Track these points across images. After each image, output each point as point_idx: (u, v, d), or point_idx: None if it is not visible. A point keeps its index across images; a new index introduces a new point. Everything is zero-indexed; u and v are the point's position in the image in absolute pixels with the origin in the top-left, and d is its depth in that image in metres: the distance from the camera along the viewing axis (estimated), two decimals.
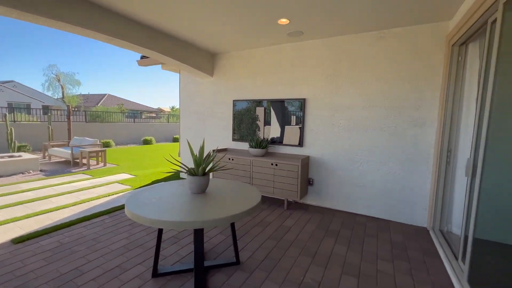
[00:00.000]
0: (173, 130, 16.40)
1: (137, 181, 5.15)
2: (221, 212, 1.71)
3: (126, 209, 1.74)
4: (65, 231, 2.85)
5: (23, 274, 2.06)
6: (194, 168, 2.08)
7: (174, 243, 2.65)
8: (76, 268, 2.16)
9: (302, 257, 2.42)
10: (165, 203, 1.86)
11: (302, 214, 3.52)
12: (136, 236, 2.78)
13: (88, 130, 11.58)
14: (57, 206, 3.60)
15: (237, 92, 4.52)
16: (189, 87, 5.18)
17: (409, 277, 2.14)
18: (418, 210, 3.19)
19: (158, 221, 1.57)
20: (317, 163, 3.84)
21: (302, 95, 3.88)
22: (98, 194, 4.22)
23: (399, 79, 3.21)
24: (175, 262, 2.30)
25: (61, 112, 13.10)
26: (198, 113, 5.09)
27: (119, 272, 2.13)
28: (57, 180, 5.02)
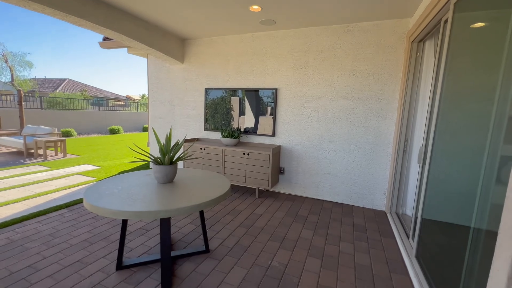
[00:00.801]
0: (143, 120, 15.60)
1: (101, 172, 4.85)
2: (188, 201, 1.69)
3: (84, 201, 1.64)
4: (16, 227, 2.61)
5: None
6: (160, 157, 2.01)
7: (141, 234, 2.58)
8: (29, 266, 2.01)
9: (270, 242, 2.51)
10: (128, 194, 1.78)
11: (273, 202, 3.62)
12: (99, 230, 2.64)
13: (45, 118, 10.53)
14: (7, 200, 3.27)
15: (209, 80, 4.40)
16: (158, 73, 4.92)
17: (367, 255, 2.34)
18: (378, 195, 3.46)
19: (120, 212, 1.50)
20: (288, 152, 3.94)
21: (274, 85, 3.91)
22: (56, 186, 3.91)
23: (364, 72, 3.36)
24: (141, 254, 2.24)
25: (12, 97, 11.69)
26: (168, 102, 4.88)
27: (79, 266, 2.02)
28: (7, 173, 4.54)
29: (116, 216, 1.50)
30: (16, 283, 1.81)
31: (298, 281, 1.94)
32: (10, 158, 5.73)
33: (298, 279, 1.97)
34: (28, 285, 1.80)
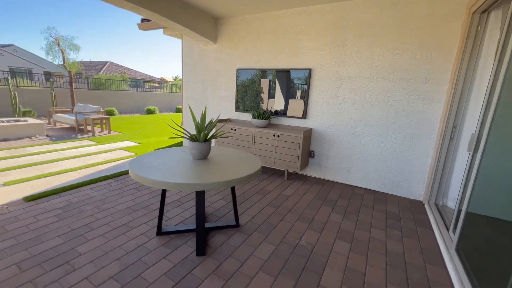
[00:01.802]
0: (177, 101, 16.25)
1: (140, 148, 5.25)
2: (221, 177, 1.76)
3: (130, 171, 1.80)
4: (73, 192, 2.98)
5: (37, 228, 2.21)
6: (196, 135, 2.09)
7: (177, 206, 2.78)
8: (85, 225, 2.30)
9: (298, 223, 2.54)
10: (167, 167, 1.90)
11: (302, 185, 3.61)
12: (141, 199, 2.90)
13: (91, 98, 11.52)
14: (65, 169, 3.73)
15: (241, 61, 4.37)
16: (191, 54, 5.00)
17: (400, 243, 2.25)
18: (415, 184, 3.25)
19: (161, 182, 1.62)
20: (319, 135, 3.84)
21: (308, 65, 3.75)
22: (103, 159, 4.34)
23: (410, 49, 3.05)
24: (178, 223, 2.43)
25: (64, 78, 12.94)
26: (201, 83, 4.99)
27: (125, 229, 2.27)
28: (63, 145, 5.13)
29: (157, 186, 1.63)
30: (76, 238, 2.10)
31: (326, 262, 1.95)
32: (64, 133, 6.45)
33: (326, 259, 1.98)
34: (85, 240, 2.08)
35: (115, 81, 14.67)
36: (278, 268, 1.86)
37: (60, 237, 2.10)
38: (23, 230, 2.17)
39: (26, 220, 2.33)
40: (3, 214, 2.42)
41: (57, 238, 2.09)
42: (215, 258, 1.94)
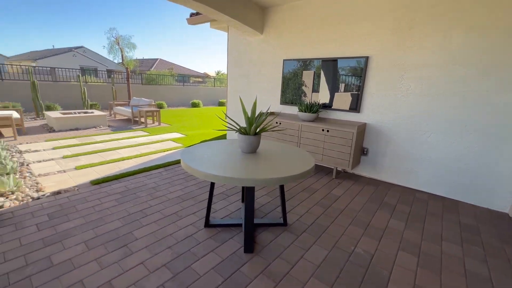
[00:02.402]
0: (219, 94, 16.73)
1: (187, 140, 5.47)
2: (273, 173, 1.64)
3: (182, 162, 1.80)
4: (130, 179, 3.21)
5: (101, 210, 2.41)
6: (246, 127, 2.01)
7: (223, 199, 2.77)
8: (140, 211, 2.44)
9: (352, 227, 2.30)
10: (217, 160, 1.86)
11: (352, 185, 3.31)
12: (189, 189, 2.98)
13: (144, 92, 12.55)
14: (123, 157, 4.06)
15: (288, 51, 4.16)
16: (237, 47, 4.97)
17: (483, 264, 1.86)
18: (500, 193, 2.69)
19: (212, 175, 1.57)
20: (375, 131, 3.45)
21: (364, 53, 3.36)
22: (155, 149, 4.63)
23: (498, 30, 2.47)
24: (224, 216, 2.41)
25: (122, 75, 14.35)
26: (245, 75, 4.94)
27: (175, 218, 2.33)
28: (121, 135, 5.64)
29: (208, 179, 1.59)
30: (133, 222, 2.23)
31: (389, 276, 1.71)
32: (122, 124, 7.12)
33: (388, 273, 1.73)
34: (140, 225, 2.19)
35: (164, 77, 15.72)
36: (332, 276, 1.68)
37: (119, 221, 2.25)
38: (90, 211, 2.39)
39: (92, 202, 2.57)
40: (75, 195, 2.71)
41: (117, 221, 2.24)
42: (263, 257, 1.85)
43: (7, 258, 1.72)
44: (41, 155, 3.96)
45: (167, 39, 77.32)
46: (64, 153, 4.10)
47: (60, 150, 4.30)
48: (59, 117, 5.82)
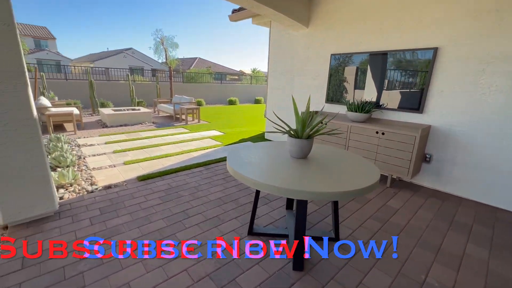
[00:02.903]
0: (255, 92, 16.71)
1: (226, 138, 5.46)
2: (333, 185, 1.40)
3: (228, 166, 1.67)
4: (172, 176, 3.25)
5: (146, 208, 2.44)
6: (297, 130, 1.80)
7: (265, 203, 2.62)
8: (183, 211, 2.40)
9: (419, 250, 1.95)
10: (266, 166, 1.69)
11: (411, 196, 2.88)
12: (229, 191, 2.89)
13: (184, 90, 13.08)
14: (166, 153, 4.17)
15: (337, 45, 3.81)
16: (280, 42, 4.75)
17: None
18: None
19: (263, 184, 1.41)
20: (442, 135, 2.95)
21: (431, 43, 2.88)
22: (195, 147, 4.68)
23: None
24: (267, 224, 2.25)
25: (164, 73, 15.20)
26: (287, 72, 4.70)
27: (217, 222, 2.24)
28: (164, 132, 5.87)
29: (258, 188, 1.42)
30: (176, 223, 2.20)
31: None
32: (165, 121, 7.44)
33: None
34: (183, 227, 2.14)
35: (202, 75, 16.21)
36: None
37: (163, 221, 2.23)
38: (136, 208, 2.43)
39: (139, 198, 2.62)
40: (123, 190, 2.80)
41: (161, 221, 2.23)
42: (315, 277, 1.64)
43: (64, 251, 1.79)
44: (95, 149, 4.27)
45: (205, 39, 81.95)
46: (114, 148, 4.37)
47: (111, 145, 4.60)
48: (111, 114, 6.29)
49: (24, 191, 2.07)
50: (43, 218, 2.20)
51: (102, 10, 75.52)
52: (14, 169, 1.99)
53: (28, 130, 2.01)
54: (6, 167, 1.96)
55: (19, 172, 2.02)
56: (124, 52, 26.82)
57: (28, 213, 2.11)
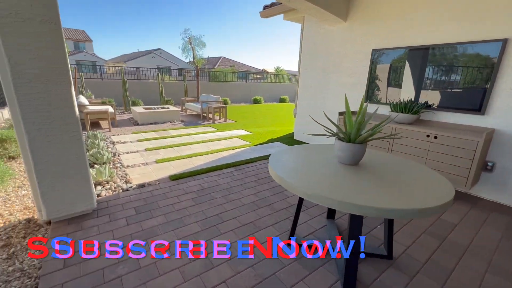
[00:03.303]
0: (280, 91, 16.48)
1: (254, 138, 5.34)
2: (399, 200, 1.19)
3: (272, 171, 1.52)
4: (203, 177, 3.19)
5: (180, 209, 2.38)
6: (348, 132, 1.60)
7: (302, 210, 2.44)
8: (217, 215, 2.31)
9: (491, 276, 1.65)
10: (314, 173, 1.51)
11: (470, 209, 2.53)
12: (262, 194, 2.75)
13: (210, 89, 13.24)
14: (195, 152, 4.15)
15: (380, 39, 3.50)
16: (313, 38, 4.51)
17: None
18: None
19: (315, 195, 1.24)
20: (509, 140, 2.56)
21: (499, 35, 2.49)
22: (223, 146, 4.62)
23: None
24: (308, 234, 2.07)
25: (190, 73, 15.52)
26: (321, 69, 4.45)
27: (253, 229, 2.11)
28: (193, 131, 5.90)
29: (312, 200, 1.26)
30: (211, 228, 2.10)
31: None
32: (192, 119, 7.52)
33: None
34: (218, 233, 2.04)
35: (226, 74, 16.29)
36: None
37: (198, 224, 2.15)
38: (170, 209, 2.39)
39: (172, 199, 2.58)
40: (156, 189, 2.79)
41: (195, 224, 2.15)
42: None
43: (102, 252, 1.77)
44: (128, 147, 4.37)
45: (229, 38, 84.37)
46: (146, 146, 4.44)
47: (143, 143, 4.69)
48: (142, 112, 6.47)
49: (67, 188, 2.10)
50: (82, 215, 2.23)
51: (133, 10, 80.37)
52: (58, 166, 2.02)
53: (71, 128, 2.03)
54: (51, 164, 1.99)
55: (62, 169, 2.05)
56: (153, 52, 27.94)
57: (69, 210, 2.15)
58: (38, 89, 1.84)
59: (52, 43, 1.82)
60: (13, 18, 1.67)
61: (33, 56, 1.78)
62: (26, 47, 1.74)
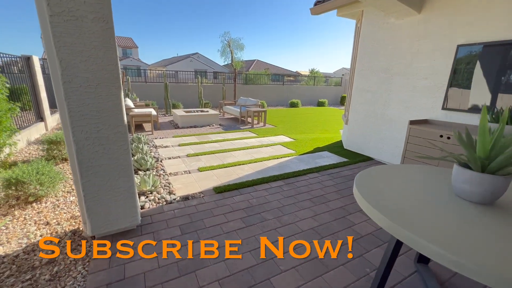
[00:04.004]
0: (318, 94, 15.76)
1: (298, 145, 4.91)
2: None
3: (362, 200, 1.09)
4: (250, 190, 2.86)
5: (229, 232, 2.07)
6: (481, 158, 1.11)
7: (375, 245, 1.95)
8: (272, 243, 1.94)
9: None
10: (428, 211, 1.05)
11: None
12: (322, 218, 2.32)
13: (244, 91, 13.11)
14: (238, 161, 3.87)
15: (471, 32, 2.83)
16: (374, 34, 3.95)
17: None
18: None
19: (430, 249, 0.78)
20: None
21: None
22: (267, 154, 4.28)
23: None
24: (395, 285, 1.59)
25: (225, 75, 15.63)
26: (383, 70, 3.86)
27: (321, 268, 1.70)
28: (232, 135, 5.68)
29: (420, 250, 0.81)
30: (268, 261, 1.74)
31: None
32: (231, 123, 7.35)
33: None
34: (278, 270, 1.67)
35: (260, 76, 16.04)
36: None
37: (252, 255, 1.80)
38: (218, 231, 2.09)
39: (219, 217, 2.29)
40: (201, 204, 2.53)
41: (248, 254, 1.81)
42: None
43: (147, 285, 1.52)
44: (170, 152, 4.27)
45: (263, 40, 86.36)
46: (187, 151, 4.30)
47: (184, 147, 4.57)
48: (183, 115, 6.46)
49: (112, 202, 1.92)
50: (126, 231, 2.04)
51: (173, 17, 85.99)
52: (104, 178, 1.85)
53: (119, 137, 1.84)
54: (98, 176, 1.82)
55: (108, 182, 1.87)
56: (191, 56, 29.09)
57: (114, 226, 1.96)
58: (89, 94, 1.67)
59: (104, 44, 1.64)
60: (66, 17, 1.51)
61: (84, 58, 1.61)
62: (77, 48, 1.58)
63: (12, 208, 2.37)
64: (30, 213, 2.31)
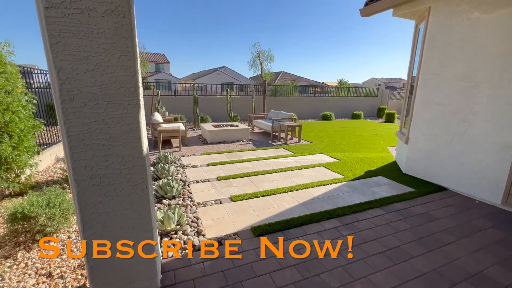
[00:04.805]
0: (351, 105, 14.76)
1: (344, 167, 4.16)
2: None
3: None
4: (299, 234, 2.21)
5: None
6: None
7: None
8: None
9: None
10: None
11: None
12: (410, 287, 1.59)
13: (273, 104, 12.62)
14: (277, 188, 3.24)
15: None
16: (446, 36, 3.19)
17: None
18: None
19: None
20: None
21: None
22: (308, 178, 3.61)
23: None
24: None
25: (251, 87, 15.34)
26: (460, 78, 3.06)
27: None
28: (265, 153, 5.09)
29: None
30: None
31: None
32: (261, 138, 6.80)
33: None
34: None
35: (288, 88, 15.44)
36: None
37: None
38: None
39: (263, 279, 1.67)
40: (238, 253, 1.93)
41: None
42: None
43: None
44: (198, 173, 3.79)
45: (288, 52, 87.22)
46: (217, 173, 3.79)
47: (213, 167, 4.08)
48: (212, 130, 6.07)
49: (123, 261, 1.41)
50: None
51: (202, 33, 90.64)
52: (113, 229, 1.35)
53: (136, 172, 1.34)
54: (105, 227, 1.32)
55: (118, 233, 1.37)
56: (218, 70, 29.70)
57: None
58: (96, 116, 1.21)
59: (118, 47, 1.17)
60: (67, 9, 1.07)
61: (90, 67, 1.15)
62: (82, 53, 1.13)
63: (17, 248, 1.99)
64: (34, 257, 1.90)
